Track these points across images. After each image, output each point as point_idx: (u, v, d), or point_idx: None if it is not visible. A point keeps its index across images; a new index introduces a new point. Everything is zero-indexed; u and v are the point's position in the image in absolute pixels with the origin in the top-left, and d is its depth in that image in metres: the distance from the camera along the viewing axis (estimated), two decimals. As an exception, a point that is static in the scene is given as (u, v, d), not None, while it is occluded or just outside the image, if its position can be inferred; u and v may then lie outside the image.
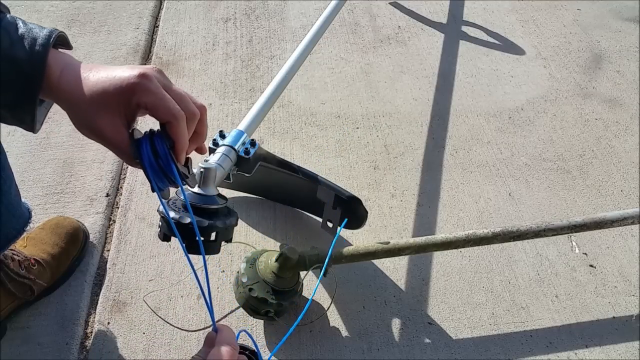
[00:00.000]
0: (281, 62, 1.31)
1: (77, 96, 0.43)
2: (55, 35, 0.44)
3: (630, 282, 0.89)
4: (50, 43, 0.43)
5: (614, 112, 1.20)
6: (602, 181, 1.05)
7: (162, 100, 0.43)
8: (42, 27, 0.44)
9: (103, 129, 0.44)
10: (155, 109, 0.44)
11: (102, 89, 0.43)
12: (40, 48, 0.42)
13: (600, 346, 0.81)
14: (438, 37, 1.40)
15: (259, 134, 1.13)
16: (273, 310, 0.75)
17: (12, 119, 0.45)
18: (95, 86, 0.43)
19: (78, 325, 0.82)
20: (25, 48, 0.42)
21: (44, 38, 0.43)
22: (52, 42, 0.43)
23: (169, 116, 0.44)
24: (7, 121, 0.45)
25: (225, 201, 0.62)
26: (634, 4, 1.52)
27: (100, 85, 0.43)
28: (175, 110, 0.44)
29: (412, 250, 0.77)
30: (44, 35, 0.43)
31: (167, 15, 1.48)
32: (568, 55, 1.35)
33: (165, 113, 0.44)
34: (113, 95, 0.43)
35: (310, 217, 0.97)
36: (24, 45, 0.42)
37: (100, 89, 0.43)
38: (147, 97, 0.43)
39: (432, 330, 0.83)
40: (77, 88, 0.43)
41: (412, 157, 1.09)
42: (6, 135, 1.12)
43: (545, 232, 0.78)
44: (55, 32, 0.44)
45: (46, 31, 0.43)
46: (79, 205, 0.99)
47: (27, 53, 0.42)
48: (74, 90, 0.43)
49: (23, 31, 0.43)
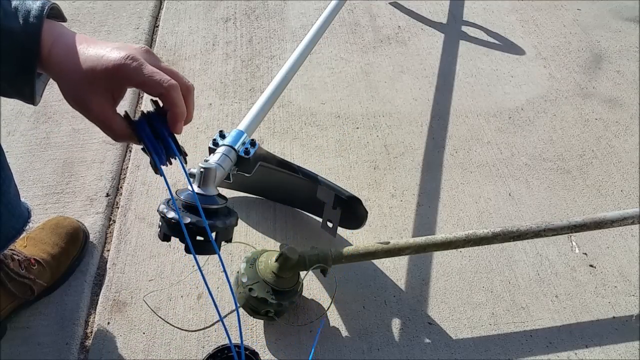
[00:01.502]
0: (281, 62, 1.31)
1: (66, 71, 0.44)
2: (49, 7, 0.44)
3: (630, 282, 0.89)
4: (44, 15, 0.43)
5: (614, 112, 1.20)
6: (602, 181, 1.05)
7: (151, 76, 0.44)
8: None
9: (90, 105, 0.44)
10: (145, 85, 0.44)
11: (90, 68, 0.43)
12: (34, 20, 0.42)
13: (600, 346, 0.81)
14: (438, 37, 1.40)
15: (259, 134, 1.13)
16: (273, 310, 0.75)
17: (12, 90, 0.45)
18: (85, 63, 0.43)
19: (78, 325, 0.82)
20: (19, 20, 0.42)
21: (38, 10, 0.43)
22: (46, 14, 0.43)
23: (160, 88, 0.45)
24: (7, 94, 0.46)
25: (225, 201, 0.62)
26: (634, 4, 1.52)
27: (89, 63, 0.43)
28: (166, 81, 0.45)
29: (412, 250, 0.77)
30: (37, 7, 0.43)
31: (167, 15, 1.48)
32: (568, 55, 1.35)
33: (156, 86, 0.44)
34: (100, 75, 0.43)
35: (310, 217, 0.97)
36: (18, 18, 0.42)
37: (88, 67, 0.43)
38: (135, 77, 0.44)
39: (432, 330, 0.83)
40: (66, 62, 0.44)
41: (412, 157, 1.09)
42: (6, 135, 1.12)
43: (545, 232, 0.78)
44: (48, 4, 0.44)
45: (39, 3, 0.43)
46: (79, 205, 0.99)
47: (22, 25, 0.42)
48: (64, 64, 0.44)
49: (16, 3, 0.43)
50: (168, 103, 0.46)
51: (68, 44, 0.44)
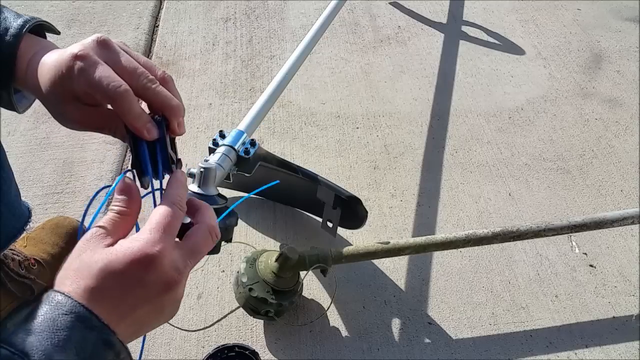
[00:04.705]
0: (281, 62, 1.31)
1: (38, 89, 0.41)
2: (30, 25, 0.43)
3: (630, 282, 0.89)
4: (23, 33, 0.42)
5: (614, 112, 1.20)
6: (602, 181, 1.05)
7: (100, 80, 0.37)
8: (18, 15, 0.43)
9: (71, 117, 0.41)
10: (96, 91, 0.37)
11: (50, 80, 0.39)
12: (11, 38, 0.41)
13: (600, 346, 0.81)
14: (438, 37, 1.40)
15: (259, 134, 1.13)
16: (273, 310, 0.75)
17: None
18: (47, 75, 0.40)
19: (78, 325, 0.82)
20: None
21: (17, 28, 0.42)
22: (25, 31, 0.42)
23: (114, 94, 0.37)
24: None
25: (225, 201, 0.62)
26: (634, 4, 1.52)
27: (49, 75, 0.39)
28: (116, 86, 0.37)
29: (412, 250, 0.77)
30: (17, 25, 0.42)
31: (167, 15, 1.48)
32: (568, 55, 1.35)
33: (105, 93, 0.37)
34: (59, 83, 0.39)
35: (310, 217, 0.97)
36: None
37: (48, 79, 0.39)
38: (85, 80, 0.38)
39: (432, 330, 0.83)
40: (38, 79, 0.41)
41: (412, 157, 1.09)
42: (6, 135, 1.12)
43: (545, 232, 0.78)
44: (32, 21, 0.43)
45: (20, 20, 0.42)
46: (79, 205, 0.99)
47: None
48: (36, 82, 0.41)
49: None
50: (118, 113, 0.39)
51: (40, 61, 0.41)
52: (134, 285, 0.33)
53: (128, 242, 0.34)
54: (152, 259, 0.34)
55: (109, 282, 0.33)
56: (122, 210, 0.37)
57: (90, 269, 0.33)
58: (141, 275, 0.33)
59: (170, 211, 0.37)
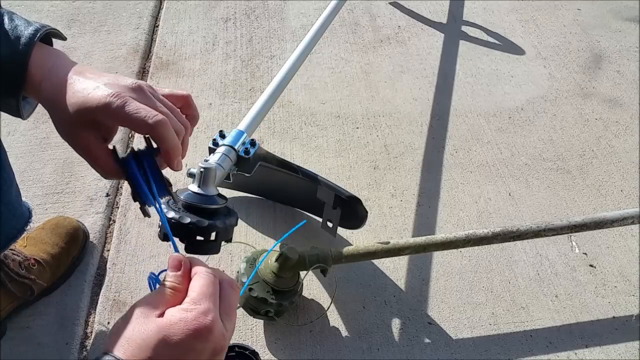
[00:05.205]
0: (281, 62, 1.31)
1: (54, 106, 0.42)
2: (41, 33, 0.43)
3: (630, 282, 0.89)
4: (34, 42, 0.42)
5: (614, 112, 1.20)
6: (602, 181, 1.05)
7: (135, 114, 0.41)
8: (29, 23, 0.43)
9: (76, 140, 0.44)
10: (129, 123, 0.42)
11: (77, 105, 0.42)
12: (23, 48, 0.42)
13: (600, 346, 0.81)
14: (438, 37, 1.40)
15: (259, 134, 1.13)
16: (273, 310, 0.75)
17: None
18: (71, 99, 0.42)
19: (78, 325, 0.82)
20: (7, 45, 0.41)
21: (28, 37, 0.42)
22: (36, 40, 0.42)
23: (145, 126, 0.42)
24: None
25: (225, 201, 0.62)
26: (634, 4, 1.52)
27: (76, 100, 0.42)
28: (151, 117, 0.42)
29: (412, 250, 0.77)
30: (29, 34, 0.42)
31: (167, 15, 1.48)
32: (568, 55, 1.35)
33: (140, 124, 0.42)
34: (87, 112, 0.42)
35: (310, 217, 0.97)
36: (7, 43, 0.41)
37: (75, 103, 0.42)
38: (118, 116, 0.41)
39: (432, 330, 0.83)
40: (55, 98, 0.42)
41: (412, 157, 1.09)
42: (6, 135, 1.12)
43: (545, 232, 0.78)
44: (42, 30, 0.43)
45: (31, 29, 0.43)
46: (79, 205, 0.99)
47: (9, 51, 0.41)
48: (52, 99, 0.42)
49: (8, 27, 0.42)
50: (156, 140, 0.43)
51: (59, 78, 0.43)
52: (187, 354, 0.35)
53: (178, 312, 0.36)
54: (207, 329, 0.36)
55: (165, 351, 0.35)
56: (175, 287, 0.39)
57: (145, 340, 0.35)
58: (194, 344, 0.35)
59: (211, 280, 0.40)
